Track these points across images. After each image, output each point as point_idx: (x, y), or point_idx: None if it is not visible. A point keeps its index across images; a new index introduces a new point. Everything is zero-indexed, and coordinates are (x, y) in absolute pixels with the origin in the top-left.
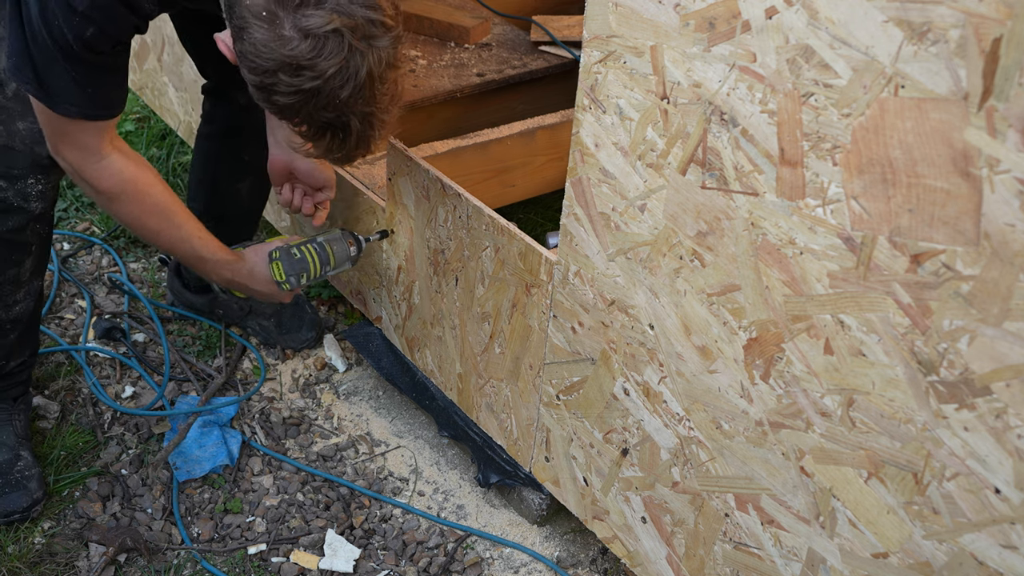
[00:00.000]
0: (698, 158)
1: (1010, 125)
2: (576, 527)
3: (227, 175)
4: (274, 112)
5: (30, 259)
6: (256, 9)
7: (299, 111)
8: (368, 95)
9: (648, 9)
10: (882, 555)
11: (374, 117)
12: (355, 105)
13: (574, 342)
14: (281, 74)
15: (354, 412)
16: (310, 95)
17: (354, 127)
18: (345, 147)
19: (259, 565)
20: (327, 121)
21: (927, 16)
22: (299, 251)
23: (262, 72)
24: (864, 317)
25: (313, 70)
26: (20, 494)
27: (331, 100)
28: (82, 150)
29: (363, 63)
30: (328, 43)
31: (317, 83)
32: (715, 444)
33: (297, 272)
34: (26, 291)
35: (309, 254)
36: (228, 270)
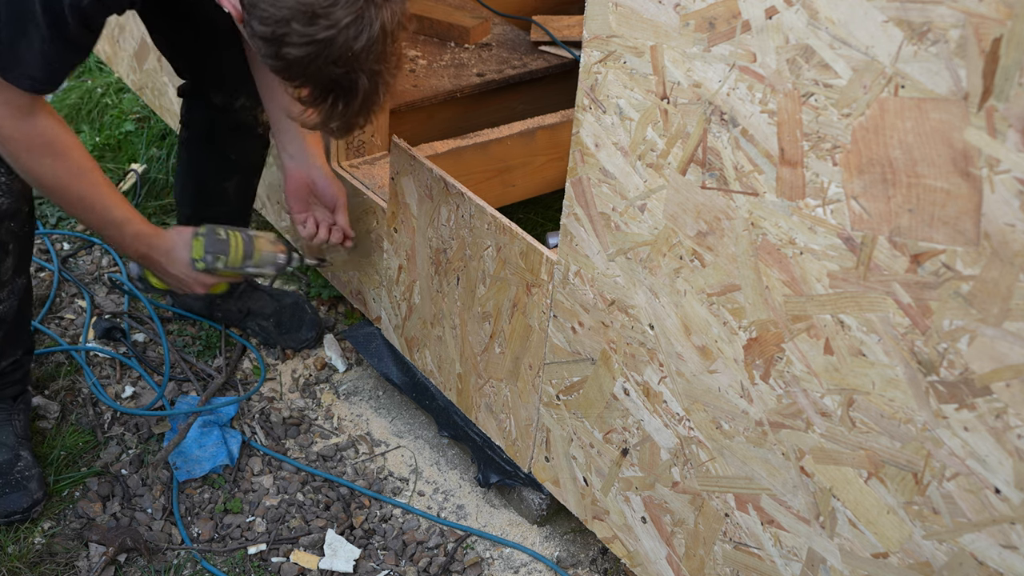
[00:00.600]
0: (698, 158)
1: (1010, 125)
2: (576, 527)
3: (213, 176)
4: (280, 69)
5: (9, 258)
6: None
7: (308, 65)
8: (380, 50)
9: (648, 9)
10: (882, 555)
11: (381, 77)
12: (366, 61)
13: (574, 342)
14: (295, 23)
15: (354, 412)
16: (323, 46)
17: (361, 86)
18: (348, 111)
19: (259, 565)
20: (335, 79)
21: (927, 16)
22: (226, 233)
23: (275, 21)
24: (864, 317)
25: (328, 18)
26: (20, 494)
27: (343, 52)
28: (12, 107)
29: (377, 16)
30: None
31: (331, 32)
32: (715, 444)
33: (215, 252)
34: (9, 290)
35: (235, 240)
36: (145, 244)
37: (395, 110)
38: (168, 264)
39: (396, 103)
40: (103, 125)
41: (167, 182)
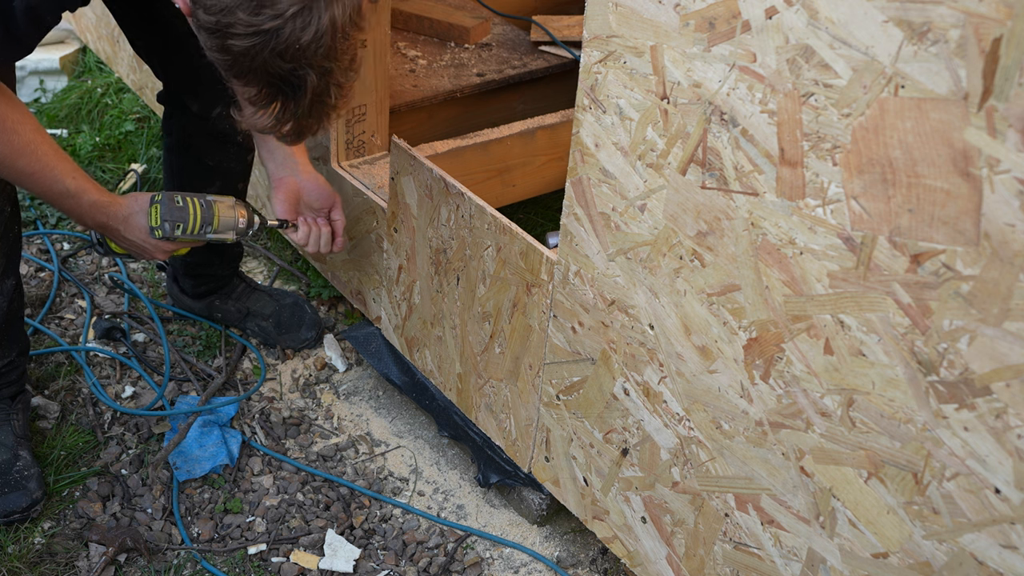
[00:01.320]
0: (698, 158)
1: (1010, 125)
2: (576, 527)
3: (195, 183)
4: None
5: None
6: None
7: (254, 58)
8: (329, 46)
9: (648, 9)
10: (882, 555)
11: (332, 76)
12: (314, 56)
13: (574, 342)
14: (240, 11)
15: (354, 412)
16: (269, 36)
17: (310, 84)
18: (298, 111)
19: (259, 565)
20: (282, 75)
21: (927, 16)
22: (183, 200)
23: (219, 11)
24: (864, 317)
25: (274, 7)
26: (20, 494)
27: (290, 45)
28: None
29: (326, 9)
30: None
31: (277, 23)
32: (715, 444)
33: (173, 220)
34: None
35: (192, 206)
36: (102, 213)
37: (395, 110)
38: (126, 231)
39: (396, 103)
40: (103, 125)
41: None
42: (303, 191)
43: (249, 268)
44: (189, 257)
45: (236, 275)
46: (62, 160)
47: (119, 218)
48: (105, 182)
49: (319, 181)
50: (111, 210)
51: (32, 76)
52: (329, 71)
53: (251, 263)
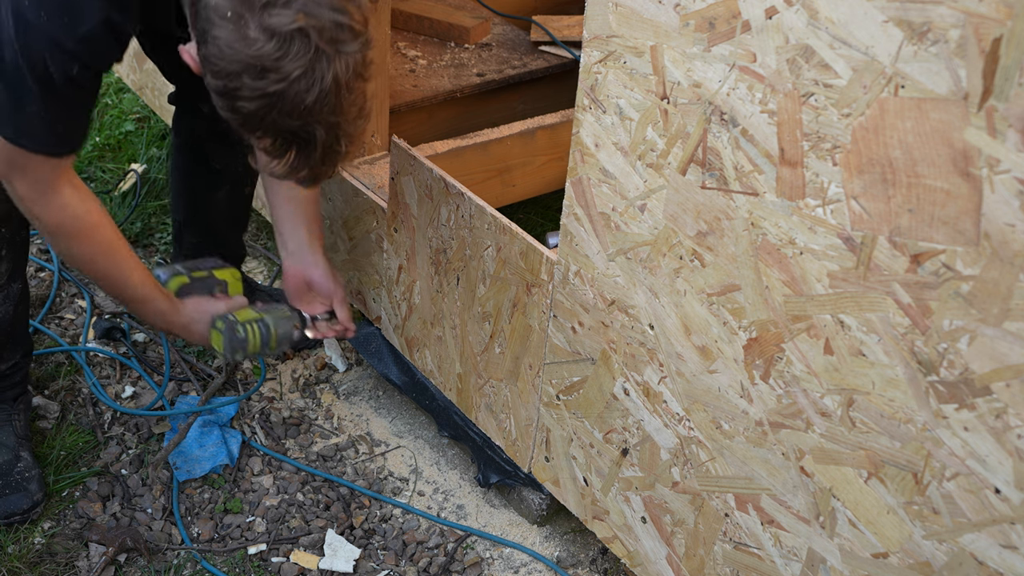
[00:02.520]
0: (698, 158)
1: (1010, 125)
2: (576, 527)
3: (202, 186)
4: (238, 123)
5: (3, 264)
6: (221, 10)
7: (263, 118)
8: (334, 103)
9: (648, 9)
10: (882, 555)
11: (340, 129)
12: (320, 113)
13: (574, 342)
14: (245, 77)
15: (354, 412)
16: (275, 99)
17: (319, 138)
18: (310, 162)
19: (259, 565)
20: (292, 131)
21: (927, 16)
22: (243, 329)
23: (226, 75)
24: (864, 317)
25: (278, 72)
26: (20, 496)
27: (296, 106)
28: (37, 183)
29: (329, 68)
30: (294, 43)
31: (282, 86)
32: (715, 444)
33: (234, 349)
34: (4, 295)
35: (252, 334)
36: (163, 320)
37: (395, 110)
38: (186, 336)
39: (396, 103)
40: (103, 125)
41: (167, 182)
42: (312, 281)
43: (249, 268)
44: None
45: None
46: (134, 264)
47: (179, 326)
48: (105, 182)
49: (328, 273)
50: (172, 319)
51: None
52: (337, 124)
53: (251, 263)
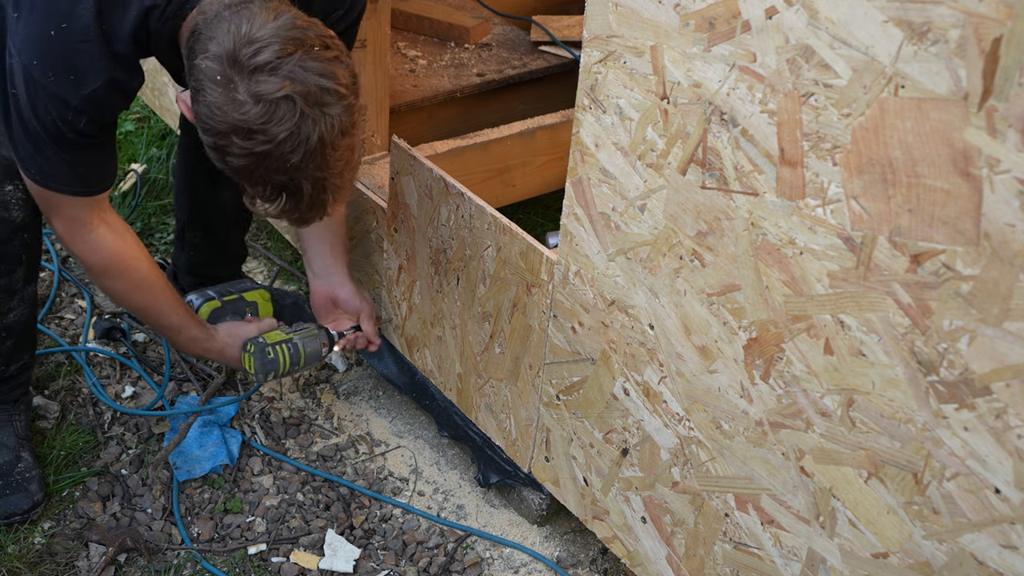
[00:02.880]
0: (698, 158)
1: (1010, 125)
2: (576, 527)
3: (208, 186)
4: (230, 173)
5: (22, 267)
6: (211, 73)
7: (252, 173)
8: (320, 160)
9: (648, 9)
10: (882, 555)
11: (327, 182)
12: (307, 170)
13: (574, 342)
14: (234, 136)
15: (354, 412)
16: (261, 158)
17: (306, 191)
18: (299, 209)
19: (259, 565)
20: (280, 183)
21: (927, 16)
22: (273, 351)
23: (216, 134)
24: (864, 317)
25: (264, 134)
26: (21, 496)
27: (282, 164)
28: (72, 222)
29: (314, 129)
30: (279, 109)
31: (268, 147)
32: (715, 444)
33: (266, 371)
34: (20, 298)
35: (282, 355)
36: (199, 346)
37: (395, 110)
38: (222, 360)
39: (396, 103)
40: None
41: (167, 182)
42: (338, 299)
43: (249, 268)
44: (192, 257)
45: (237, 275)
46: (169, 295)
47: (214, 351)
48: None
49: (354, 291)
50: (207, 344)
51: None
52: (323, 178)
53: (251, 263)
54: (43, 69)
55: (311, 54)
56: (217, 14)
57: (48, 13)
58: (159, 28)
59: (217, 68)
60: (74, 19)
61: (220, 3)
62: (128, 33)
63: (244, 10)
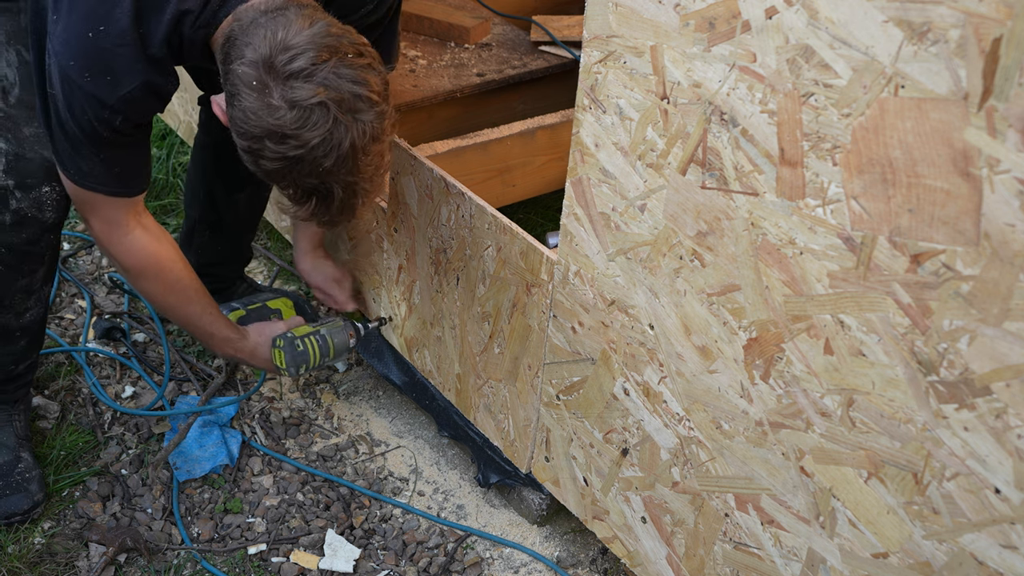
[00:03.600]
0: (698, 158)
1: (1010, 125)
2: (576, 527)
3: (225, 187)
4: (262, 176)
5: (43, 268)
6: (247, 78)
7: (284, 176)
8: (351, 165)
9: (648, 9)
10: (882, 555)
11: (357, 186)
12: (338, 174)
13: (574, 342)
14: (267, 141)
15: (354, 412)
16: (294, 162)
17: (336, 195)
18: (329, 212)
19: (259, 565)
20: (311, 187)
21: (927, 16)
22: (302, 343)
23: (250, 138)
24: (864, 317)
25: (298, 139)
26: (21, 496)
27: (314, 168)
28: (108, 223)
29: (347, 135)
30: (313, 114)
31: (301, 152)
32: (715, 444)
33: (298, 364)
34: (37, 298)
35: (311, 347)
36: (231, 347)
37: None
38: (252, 361)
39: (396, 103)
40: None
41: (167, 182)
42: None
43: (249, 268)
44: (200, 256)
45: (241, 277)
46: (203, 298)
47: (246, 352)
48: None
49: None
50: (239, 345)
51: None
52: (354, 183)
53: (251, 263)
54: (80, 70)
55: (345, 61)
56: (253, 20)
57: (86, 16)
58: (191, 35)
59: (253, 73)
60: (111, 23)
61: (256, 10)
62: (162, 37)
63: (280, 17)
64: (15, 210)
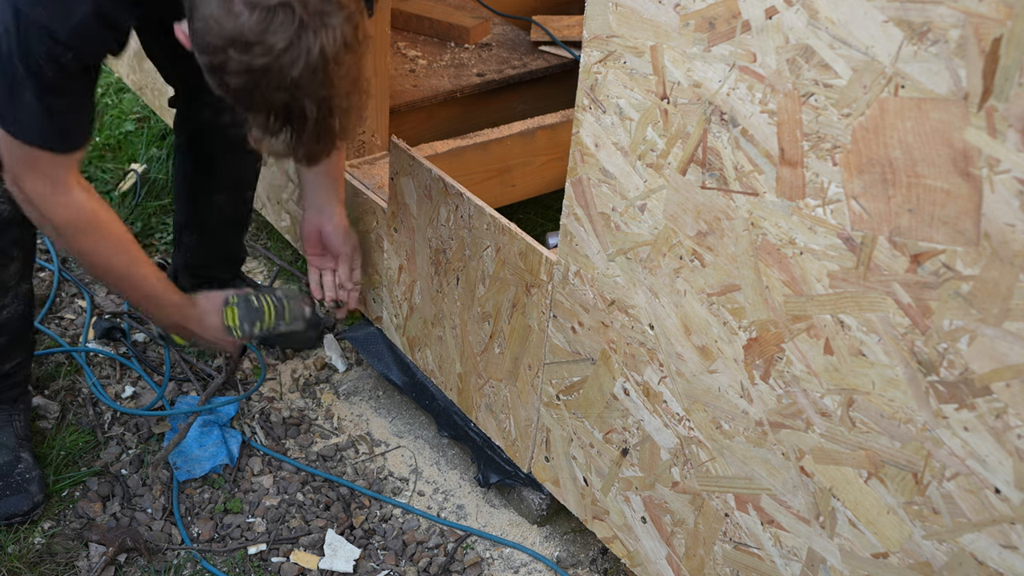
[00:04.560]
0: (698, 158)
1: (1010, 125)
2: (576, 527)
3: (202, 188)
4: (230, 100)
5: (14, 263)
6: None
7: (251, 93)
8: (323, 77)
9: (648, 9)
10: (882, 555)
11: (331, 102)
12: (309, 87)
13: (574, 342)
14: (231, 51)
15: (354, 412)
16: (260, 73)
17: (309, 113)
18: (304, 137)
19: (259, 565)
20: (281, 105)
21: (927, 16)
22: (257, 300)
23: (212, 50)
24: (864, 317)
25: (262, 45)
26: (21, 497)
27: (282, 79)
28: (45, 180)
29: (315, 40)
30: (276, 16)
31: (267, 60)
32: (715, 444)
33: (251, 320)
34: (13, 295)
35: (267, 304)
36: (179, 314)
37: (395, 110)
38: (201, 331)
39: (396, 103)
40: (103, 125)
41: (167, 182)
42: (324, 234)
43: (249, 268)
44: (189, 258)
45: (237, 277)
46: (146, 261)
47: (195, 319)
48: (105, 182)
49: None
50: (187, 311)
51: None
52: (328, 98)
53: (251, 263)
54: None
55: None
56: None
57: None
58: None
59: None
60: None
61: None
62: None
63: None
64: None
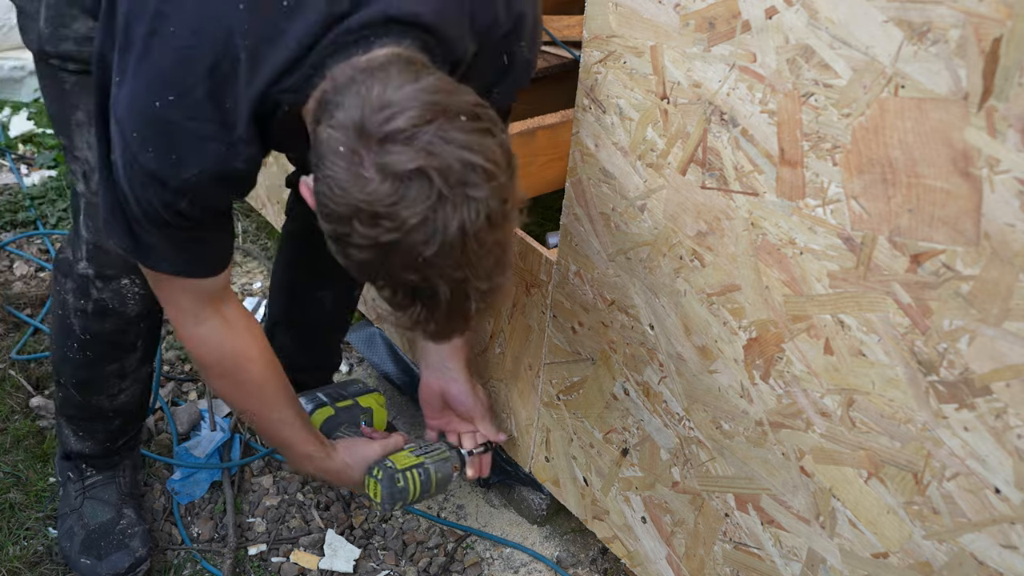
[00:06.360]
0: (698, 158)
1: (1010, 125)
2: (576, 527)
3: (306, 282)
4: (354, 272)
5: (136, 353)
6: (334, 143)
7: (377, 270)
8: (459, 257)
9: (648, 9)
10: (882, 555)
11: (468, 285)
12: (443, 268)
13: (574, 342)
14: (356, 222)
15: None
16: (388, 250)
17: (443, 296)
18: (435, 319)
19: (259, 565)
20: (410, 285)
21: (927, 16)
22: (403, 478)
23: (336, 219)
24: (864, 317)
25: (392, 219)
26: (122, 554)
27: (412, 259)
28: (177, 309)
29: (454, 216)
30: (412, 187)
31: (395, 236)
32: (715, 444)
33: (394, 500)
34: (133, 379)
35: (413, 483)
36: (312, 465)
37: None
38: (336, 482)
39: None
40: None
41: None
42: (448, 394)
43: (249, 268)
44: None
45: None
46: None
47: (332, 472)
48: None
49: (467, 389)
50: (325, 465)
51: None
52: (463, 280)
53: (251, 263)
54: (142, 143)
55: (455, 123)
56: (350, 78)
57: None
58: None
59: (341, 137)
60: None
61: (355, 67)
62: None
63: (380, 72)
64: (96, 299)
